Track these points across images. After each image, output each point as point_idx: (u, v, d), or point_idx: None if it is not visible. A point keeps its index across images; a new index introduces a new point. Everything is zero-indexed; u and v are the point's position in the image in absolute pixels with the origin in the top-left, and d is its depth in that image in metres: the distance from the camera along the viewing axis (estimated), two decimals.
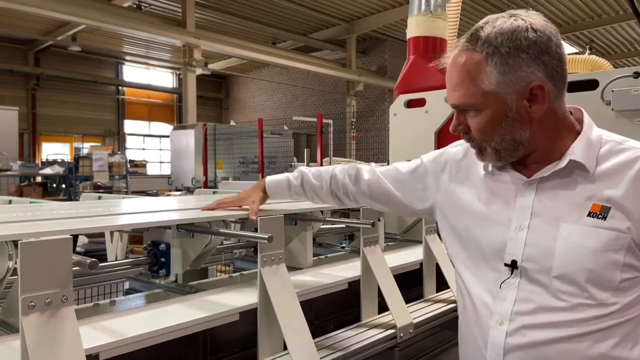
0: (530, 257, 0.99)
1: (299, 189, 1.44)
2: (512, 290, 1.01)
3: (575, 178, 1.00)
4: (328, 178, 1.41)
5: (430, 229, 1.92)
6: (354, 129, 11.99)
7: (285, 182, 1.45)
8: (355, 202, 1.43)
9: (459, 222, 1.14)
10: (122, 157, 10.90)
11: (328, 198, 1.44)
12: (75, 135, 16.73)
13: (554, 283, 0.96)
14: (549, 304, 0.97)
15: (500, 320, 1.01)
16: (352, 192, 1.38)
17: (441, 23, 3.22)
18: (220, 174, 9.75)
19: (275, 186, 1.46)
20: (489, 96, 0.98)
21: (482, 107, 1.00)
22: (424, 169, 1.28)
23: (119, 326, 1.09)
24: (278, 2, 13.21)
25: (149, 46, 16.43)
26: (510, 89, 0.97)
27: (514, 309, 1.00)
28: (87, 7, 10.41)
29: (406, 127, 3.10)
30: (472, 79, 0.99)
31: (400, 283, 1.61)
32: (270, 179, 1.47)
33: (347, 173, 1.39)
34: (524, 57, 0.96)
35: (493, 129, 1.01)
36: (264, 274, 1.24)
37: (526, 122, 0.99)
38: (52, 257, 0.83)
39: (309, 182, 1.43)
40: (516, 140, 1.00)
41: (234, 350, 1.44)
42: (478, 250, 1.08)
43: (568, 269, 0.95)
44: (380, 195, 1.34)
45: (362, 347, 1.37)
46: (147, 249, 1.60)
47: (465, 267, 1.12)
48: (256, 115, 16.67)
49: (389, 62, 16.21)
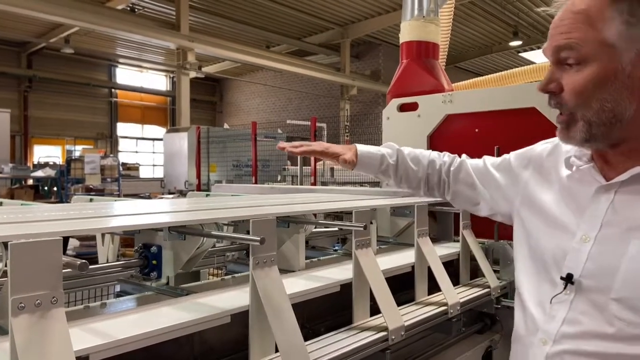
0: (589, 273, 0.87)
1: (392, 168, 1.31)
2: (563, 307, 0.90)
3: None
4: (426, 163, 1.30)
5: (422, 232, 1.93)
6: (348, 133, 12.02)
7: (379, 156, 1.31)
8: (442, 194, 1.31)
9: (531, 226, 1.02)
10: (114, 159, 10.87)
11: (419, 184, 1.32)
12: (67, 137, 16.65)
13: (611, 306, 0.84)
14: (600, 330, 0.85)
15: (544, 340, 0.91)
16: (444, 179, 1.28)
17: (434, 28, 3.24)
18: (213, 177, 9.74)
19: (367, 156, 1.31)
20: (604, 47, 0.82)
21: (591, 59, 0.83)
22: (508, 163, 1.16)
23: (109, 328, 1.08)
24: (272, 6, 13.26)
25: (143, 49, 16.42)
26: (630, 45, 0.81)
27: (561, 329, 0.89)
28: (81, 9, 10.39)
29: (399, 131, 3.12)
30: (589, 22, 0.83)
31: (392, 286, 1.62)
32: (364, 148, 1.31)
33: (443, 159, 1.29)
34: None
35: (594, 92, 0.84)
36: (256, 276, 1.24)
37: (635, 92, 0.83)
38: (42, 259, 0.83)
39: (404, 163, 1.30)
40: (617, 113, 0.84)
41: (225, 354, 1.43)
42: (541, 258, 0.97)
43: (632, 292, 0.82)
44: (466, 188, 1.24)
45: (354, 350, 1.37)
46: (138, 251, 1.59)
47: (525, 277, 1.01)
48: (250, 118, 16.66)
49: (383, 66, 16.30)
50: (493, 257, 2.34)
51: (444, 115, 2.88)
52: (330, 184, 6.60)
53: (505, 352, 2.26)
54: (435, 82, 3.15)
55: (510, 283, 2.27)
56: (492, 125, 2.70)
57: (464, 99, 2.85)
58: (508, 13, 13.54)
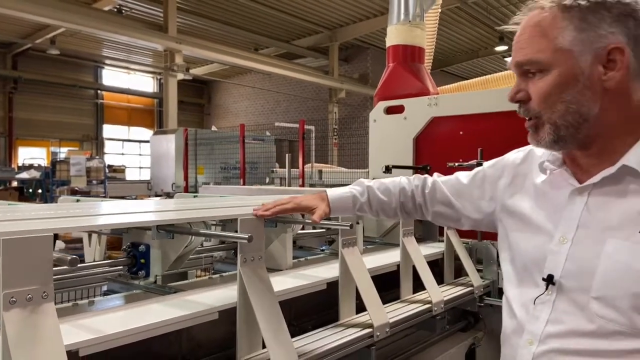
0: (569, 273, 0.90)
1: (366, 205, 1.32)
2: (546, 308, 0.92)
3: (629, 186, 0.87)
4: (397, 192, 1.31)
5: (407, 232, 1.97)
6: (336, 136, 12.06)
7: (350, 197, 1.32)
8: (421, 217, 1.34)
9: (511, 231, 1.05)
10: (100, 161, 10.78)
11: (395, 213, 1.34)
12: (52, 139, 16.44)
13: (591, 305, 0.86)
14: (582, 328, 0.87)
15: (530, 340, 0.93)
16: (420, 203, 1.30)
17: (419, 32, 3.30)
18: (201, 180, 9.70)
19: (339, 201, 1.32)
20: (561, 54, 0.87)
21: (551, 66, 0.88)
22: (482, 175, 1.20)
23: (98, 324, 1.10)
24: (261, 9, 13.27)
25: (130, 50, 16.30)
26: (586, 48, 0.86)
27: (546, 329, 0.92)
28: (67, 10, 10.30)
29: (385, 133, 3.16)
30: (544, 34, 0.88)
31: (378, 284, 1.65)
32: (333, 194, 1.33)
33: (414, 184, 1.32)
34: (605, 15, 0.85)
35: (558, 96, 0.88)
36: (244, 274, 1.26)
37: (597, 92, 0.87)
38: (33, 254, 0.85)
39: (376, 198, 1.32)
40: (582, 113, 0.87)
41: (213, 350, 1.45)
42: (523, 262, 1.00)
43: (610, 291, 0.85)
44: (444, 208, 1.26)
45: (340, 346, 1.40)
46: (126, 250, 1.61)
47: (510, 281, 1.04)
48: (238, 121, 16.64)
49: (371, 69, 16.39)
50: (476, 257, 2.39)
51: (429, 117, 2.93)
52: (318, 185, 6.63)
53: (488, 350, 2.30)
54: (421, 86, 3.20)
55: (493, 282, 2.32)
56: (476, 128, 2.76)
57: (449, 102, 2.90)
58: (494, 18, 13.72)
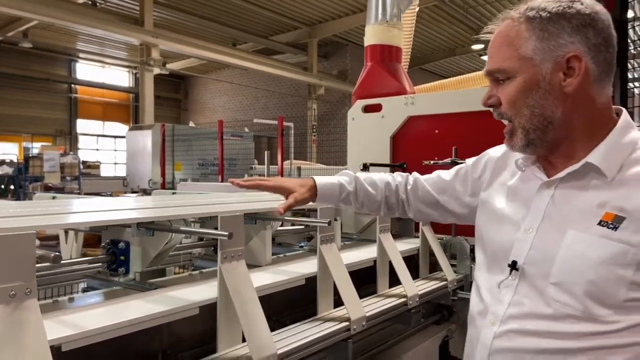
0: (531, 260, 0.97)
1: (352, 195, 1.32)
2: (509, 291, 0.99)
3: (591, 182, 0.94)
4: (383, 185, 1.34)
5: (384, 228, 2.02)
6: (315, 132, 12.10)
7: (337, 186, 1.31)
8: (402, 213, 1.37)
9: (485, 223, 1.12)
10: (74, 157, 10.59)
11: (379, 207, 1.36)
12: (24, 134, 16.03)
13: (549, 290, 0.93)
14: (540, 311, 0.94)
15: (493, 321, 1.00)
16: (402, 199, 1.35)
17: (397, 32, 3.35)
18: (178, 176, 9.62)
19: (326, 189, 1.30)
20: (524, 62, 0.95)
21: (516, 74, 0.96)
22: (465, 171, 1.26)
23: (79, 320, 1.11)
24: (238, 4, 13.17)
25: (104, 44, 15.99)
26: (546, 56, 0.93)
27: (508, 311, 0.98)
28: (40, 3, 10.06)
29: (363, 131, 3.21)
30: (509, 43, 0.97)
31: (355, 280, 1.69)
32: (322, 180, 1.31)
33: (397, 180, 1.36)
34: (564, 25, 0.92)
35: (523, 101, 0.96)
36: (224, 270, 1.29)
37: (559, 97, 0.94)
38: (17, 251, 0.86)
39: (363, 188, 1.33)
40: (546, 117, 0.95)
41: (193, 345, 1.47)
42: (492, 250, 1.07)
43: (566, 277, 0.91)
44: (426, 206, 1.32)
45: (317, 339, 1.44)
46: (105, 247, 1.61)
47: (480, 269, 1.11)
48: (216, 116, 16.50)
49: (350, 66, 16.46)
50: (451, 252, 2.46)
51: (406, 116, 2.99)
52: None
53: (461, 342, 2.37)
54: (398, 85, 3.25)
55: (466, 276, 2.39)
56: (451, 127, 2.83)
57: (425, 102, 2.97)
58: (471, 17, 13.94)
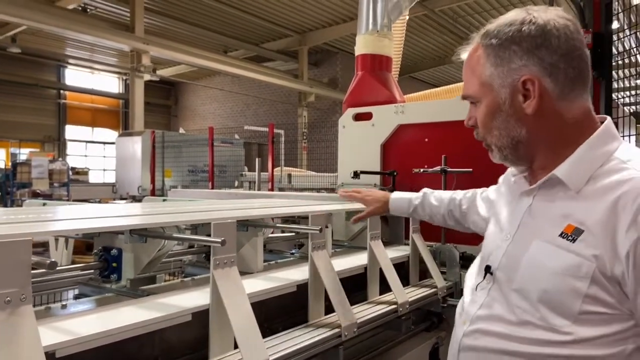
0: (502, 266, 1.02)
1: (419, 208, 1.63)
2: (483, 294, 1.04)
3: (558, 194, 0.97)
4: (447, 200, 1.55)
5: (374, 236, 2.04)
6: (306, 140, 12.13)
7: (407, 201, 1.67)
8: (465, 224, 1.53)
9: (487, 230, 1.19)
10: (63, 163, 10.51)
11: (444, 219, 1.58)
12: (11, 140, 15.85)
13: (512, 296, 0.98)
14: (504, 315, 0.98)
15: (465, 320, 1.06)
16: (464, 210, 1.49)
17: (387, 42, 3.40)
18: (168, 183, 9.57)
19: (397, 203, 1.69)
20: (484, 87, 1.00)
21: (480, 98, 1.02)
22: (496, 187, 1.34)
23: (73, 326, 1.12)
24: (230, 11, 13.22)
25: (94, 50, 15.94)
26: (502, 81, 0.97)
27: (478, 312, 1.03)
28: (29, 8, 10.01)
29: (354, 139, 3.24)
30: (472, 70, 1.03)
31: (346, 286, 1.71)
32: (396, 196, 1.70)
33: (465, 195, 1.51)
34: (515, 50, 0.95)
35: (490, 122, 1.01)
36: (217, 276, 1.30)
37: (521, 118, 0.97)
38: (12, 258, 0.87)
39: (428, 202, 1.62)
40: (512, 137, 0.99)
41: (185, 352, 1.48)
42: (483, 254, 1.14)
43: (526, 285, 0.95)
44: (477, 217, 1.43)
45: (309, 345, 1.45)
46: (98, 254, 1.62)
47: (470, 272, 1.17)
48: (206, 123, 16.48)
49: (340, 74, 16.55)
50: (440, 259, 2.49)
51: (396, 125, 3.03)
52: (288, 189, 6.67)
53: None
54: (389, 94, 3.30)
55: (456, 284, 2.42)
56: (440, 135, 2.87)
57: (415, 110, 3.01)
58: (460, 27, 14.12)
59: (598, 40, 2.57)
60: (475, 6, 13.11)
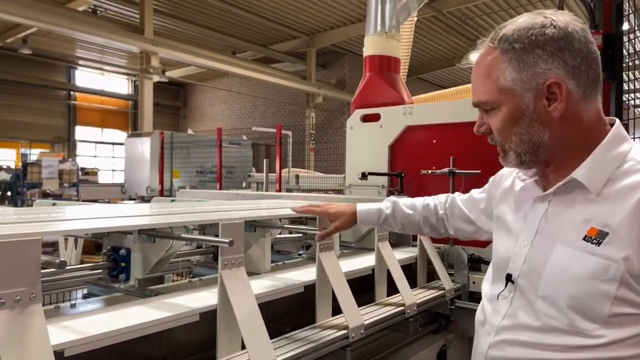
0: (524, 274, 1.00)
1: (390, 218, 1.48)
2: (506, 303, 1.02)
3: (578, 197, 0.95)
4: (421, 207, 1.46)
5: (382, 237, 2.03)
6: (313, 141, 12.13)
7: (376, 211, 1.50)
8: (444, 229, 1.46)
9: (495, 236, 1.15)
10: (73, 164, 10.59)
11: (419, 227, 1.48)
12: (22, 140, 16.00)
13: (537, 303, 0.96)
14: (530, 323, 0.96)
15: (489, 331, 1.04)
16: (442, 217, 1.43)
17: (395, 43, 3.40)
18: (176, 183, 9.61)
19: (365, 214, 1.50)
20: (505, 93, 0.97)
21: (499, 105, 0.98)
22: (487, 187, 1.31)
23: (81, 326, 1.12)
24: (238, 13, 13.26)
25: (104, 51, 16.05)
26: (526, 86, 0.95)
27: (502, 322, 1.01)
28: (40, 10, 10.11)
29: (362, 140, 3.24)
30: (488, 76, 0.98)
31: (353, 288, 1.71)
32: (363, 207, 1.51)
33: (439, 200, 1.45)
34: (539, 53, 0.93)
35: (510, 129, 0.98)
36: (224, 277, 1.30)
37: (545, 122, 0.95)
38: (22, 257, 0.88)
39: (400, 211, 1.48)
40: (535, 142, 0.97)
41: (193, 352, 1.48)
42: (497, 261, 1.10)
43: (551, 291, 0.94)
44: (462, 222, 1.40)
45: (316, 347, 1.45)
46: (106, 254, 1.63)
47: (487, 280, 1.14)
48: (214, 124, 16.52)
49: (348, 75, 16.53)
50: (448, 261, 2.48)
51: (404, 126, 3.02)
52: (295, 190, 6.67)
53: (459, 351, 2.39)
54: (397, 95, 3.29)
55: (464, 286, 2.40)
56: (448, 137, 2.86)
57: (423, 112, 3.00)
58: (468, 28, 14.05)
59: (609, 42, 2.55)
60: (484, 8, 13.04)
